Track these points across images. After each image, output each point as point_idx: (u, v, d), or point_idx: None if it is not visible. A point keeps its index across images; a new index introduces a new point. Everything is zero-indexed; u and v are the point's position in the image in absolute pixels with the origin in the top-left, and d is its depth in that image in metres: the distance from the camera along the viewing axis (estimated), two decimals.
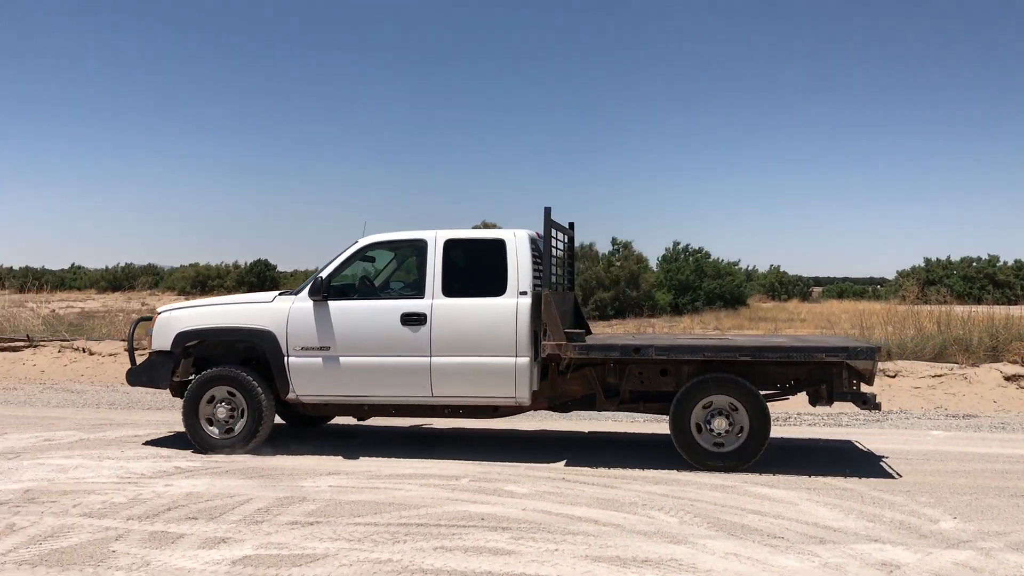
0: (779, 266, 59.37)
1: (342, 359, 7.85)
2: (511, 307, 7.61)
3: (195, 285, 59.05)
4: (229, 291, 57.29)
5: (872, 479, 7.03)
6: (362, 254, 8.21)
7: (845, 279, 73.53)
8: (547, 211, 7.81)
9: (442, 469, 7.32)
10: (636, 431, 9.66)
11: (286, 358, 7.94)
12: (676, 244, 43.20)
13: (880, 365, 12.56)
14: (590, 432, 9.47)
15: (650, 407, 7.84)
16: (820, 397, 7.51)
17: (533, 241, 7.97)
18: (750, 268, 53.16)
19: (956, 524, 5.70)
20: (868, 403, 7.35)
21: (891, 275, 58.39)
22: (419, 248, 8.02)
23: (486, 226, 33.82)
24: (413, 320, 7.72)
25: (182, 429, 9.48)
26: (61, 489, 6.47)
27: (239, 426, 8.03)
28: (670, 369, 7.62)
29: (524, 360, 7.55)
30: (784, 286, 56.92)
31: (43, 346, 15.77)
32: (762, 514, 5.89)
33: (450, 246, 7.93)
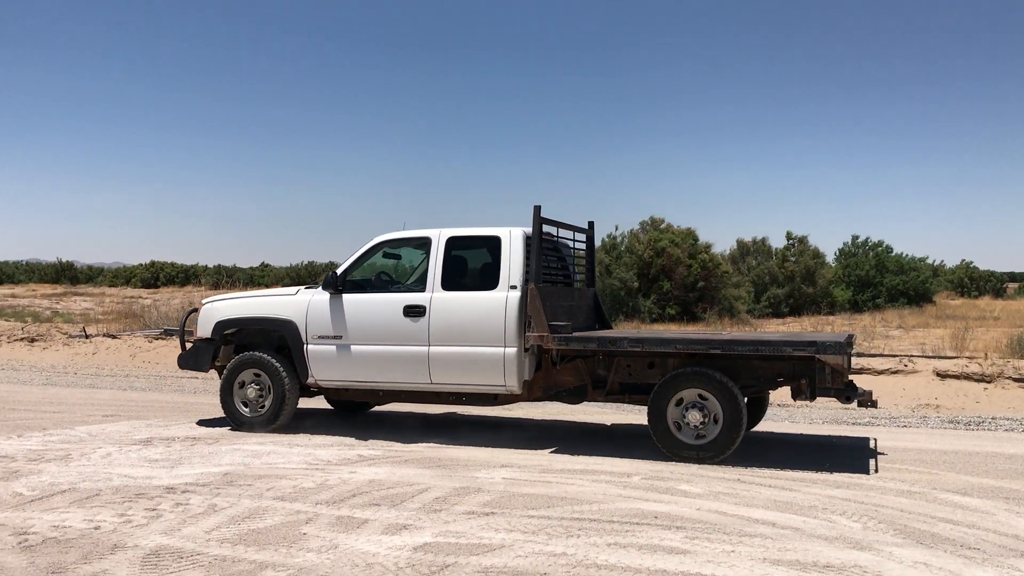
0: (970, 261, 55.63)
1: (353, 347, 8.58)
2: (501, 300, 8.09)
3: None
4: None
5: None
6: (375, 251, 8.87)
7: None
8: (536, 209, 8.16)
9: (613, 466, 7.32)
10: (812, 432, 9.33)
11: (305, 346, 8.76)
12: (855, 238, 41.35)
13: None
14: (763, 432, 9.22)
15: (635, 399, 8.08)
16: (801, 392, 7.52)
17: (527, 238, 8.27)
18: (937, 263, 50.13)
19: None
20: (851, 399, 7.36)
21: None
22: (425, 244, 8.64)
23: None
24: (414, 312, 8.34)
25: (356, 418, 9.95)
26: (255, 473, 6.90)
27: (266, 406, 8.91)
28: (656, 362, 7.86)
29: (513, 350, 8.00)
30: (974, 282, 53.25)
31: None
32: (954, 523, 5.56)
33: (451, 243, 8.49)
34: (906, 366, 12.99)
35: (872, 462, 7.57)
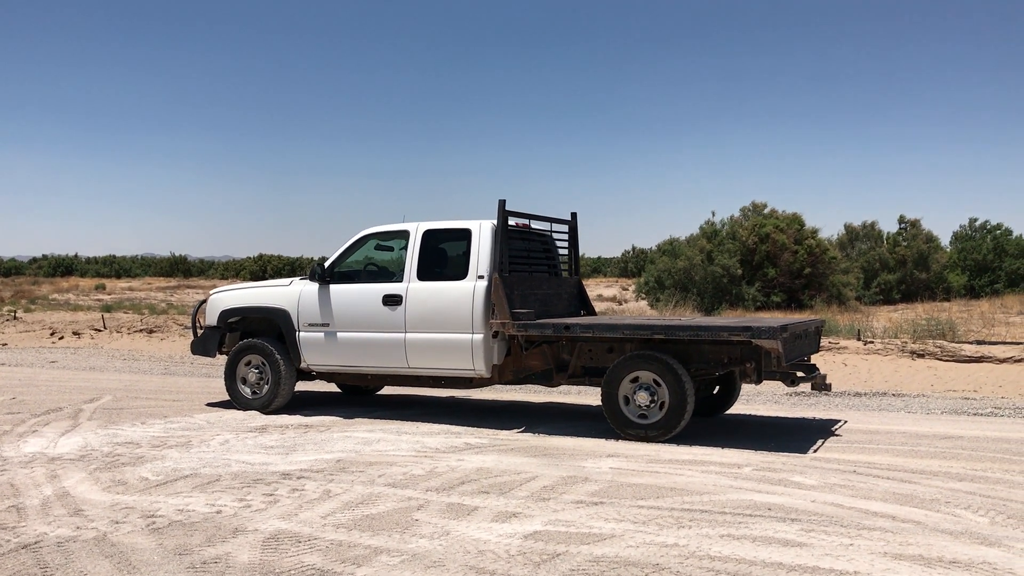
0: None
1: (339, 334, 9.21)
2: (469, 289, 8.58)
3: None
4: None
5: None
6: (361, 244, 9.43)
7: None
8: (501, 203, 8.61)
9: (722, 456, 7.20)
10: (931, 423, 8.98)
11: (297, 333, 9.42)
12: (972, 221, 39.69)
13: None
14: (874, 426, 8.92)
15: (595, 381, 8.35)
16: (747, 375, 7.86)
17: (496, 230, 8.67)
18: None
19: None
20: (796, 383, 7.85)
21: None
22: (405, 237, 9.15)
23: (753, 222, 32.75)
24: (392, 301, 8.90)
25: (469, 407, 10.06)
26: (367, 460, 7.04)
27: (265, 389, 9.56)
28: (615, 347, 8.26)
29: (480, 336, 8.49)
30: None
31: None
32: None
33: (427, 235, 9.02)
34: None
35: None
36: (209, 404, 10.38)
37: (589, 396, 11.17)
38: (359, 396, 11.10)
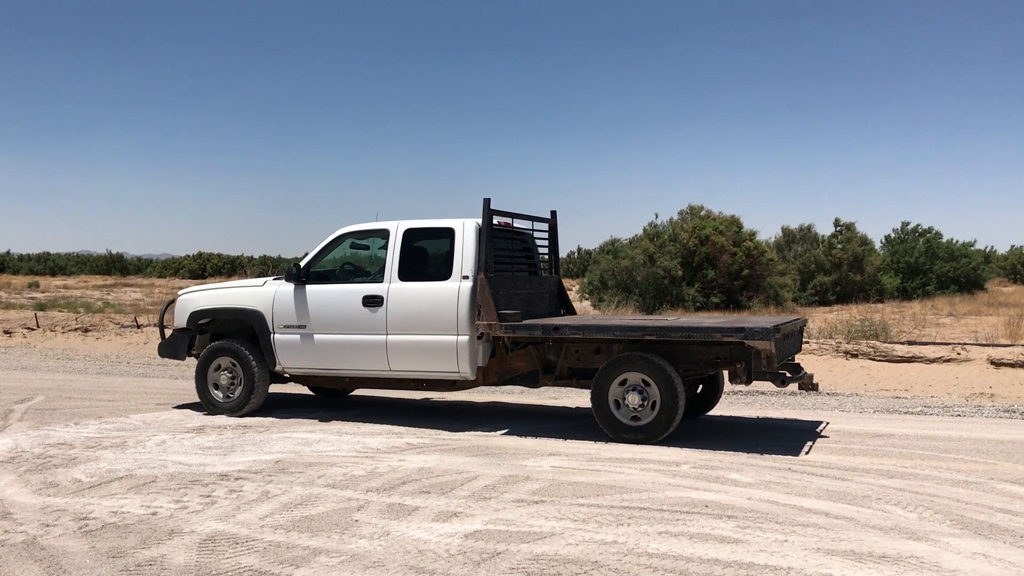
0: (1022, 247, 54.40)
1: (316, 336, 8.91)
2: (454, 290, 8.36)
3: None
4: None
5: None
6: (338, 243, 9.16)
7: None
8: (486, 202, 8.41)
9: (661, 455, 7.29)
10: (862, 424, 9.20)
11: (272, 335, 9.10)
12: (904, 224, 40.67)
13: None
14: (813, 422, 9.12)
15: (583, 383, 8.27)
16: (737, 376, 7.77)
17: (479, 229, 8.48)
18: (988, 249, 49.15)
19: None
20: (786, 383, 7.70)
21: None
22: (384, 236, 8.89)
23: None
24: (372, 302, 8.64)
25: (413, 407, 10.03)
26: (307, 461, 6.98)
27: (237, 392, 9.25)
28: (603, 348, 8.14)
29: (465, 338, 8.28)
30: None
31: None
32: (1013, 513, 5.45)
33: (408, 234, 8.76)
34: (959, 354, 12.76)
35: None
36: (159, 404, 10.19)
37: (532, 396, 11.22)
38: (330, 398, 10.78)
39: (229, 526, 5.16)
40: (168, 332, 10.02)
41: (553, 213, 10.04)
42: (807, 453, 7.36)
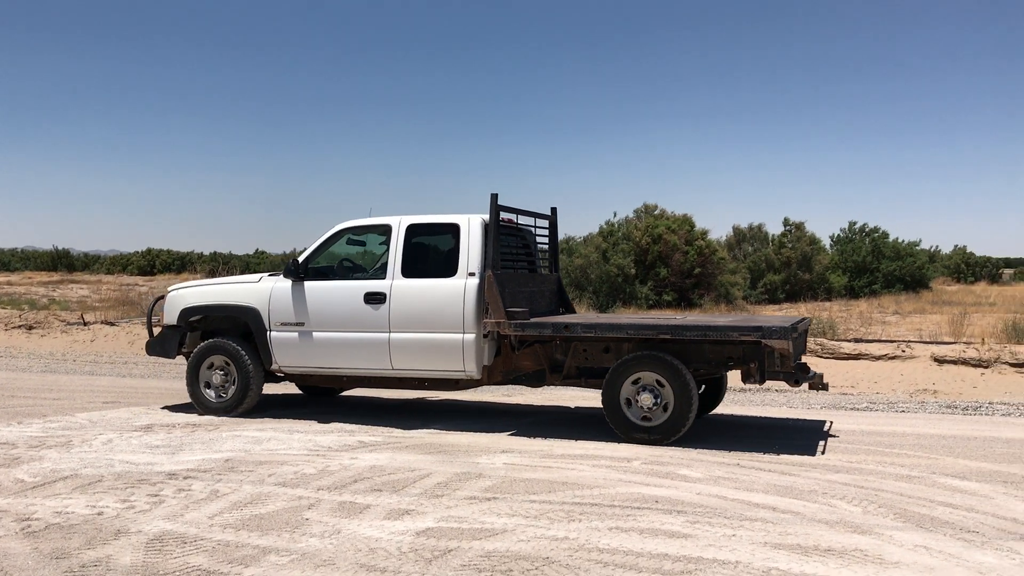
0: (965, 246, 55.73)
1: (315, 334, 8.67)
2: (460, 287, 8.18)
3: None
4: None
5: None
6: (337, 239, 8.93)
7: None
8: (493, 197, 8.23)
9: (614, 451, 7.34)
10: (808, 417, 9.36)
11: (268, 332, 8.84)
12: (852, 224, 41.40)
13: None
14: (761, 418, 9.26)
15: (591, 383, 8.14)
16: (751, 375, 7.68)
17: (486, 225, 8.34)
18: (933, 249, 50.24)
19: None
20: (801, 382, 7.61)
21: None
22: (386, 232, 8.70)
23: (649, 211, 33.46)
24: (374, 299, 8.43)
25: (365, 405, 9.97)
26: (257, 459, 6.92)
27: (231, 391, 8.99)
28: (612, 347, 8.00)
29: (471, 336, 8.11)
30: (971, 268, 53.35)
31: None
32: (953, 507, 5.59)
33: (411, 230, 8.57)
34: (904, 352, 13.02)
35: (821, 444, 7.61)
36: (106, 403, 10.01)
37: (486, 393, 11.22)
38: (320, 398, 10.57)
39: (177, 525, 5.09)
40: (156, 329, 9.74)
41: (553, 210, 9.88)
42: (758, 450, 7.46)
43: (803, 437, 8.07)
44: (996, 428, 8.79)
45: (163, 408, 9.68)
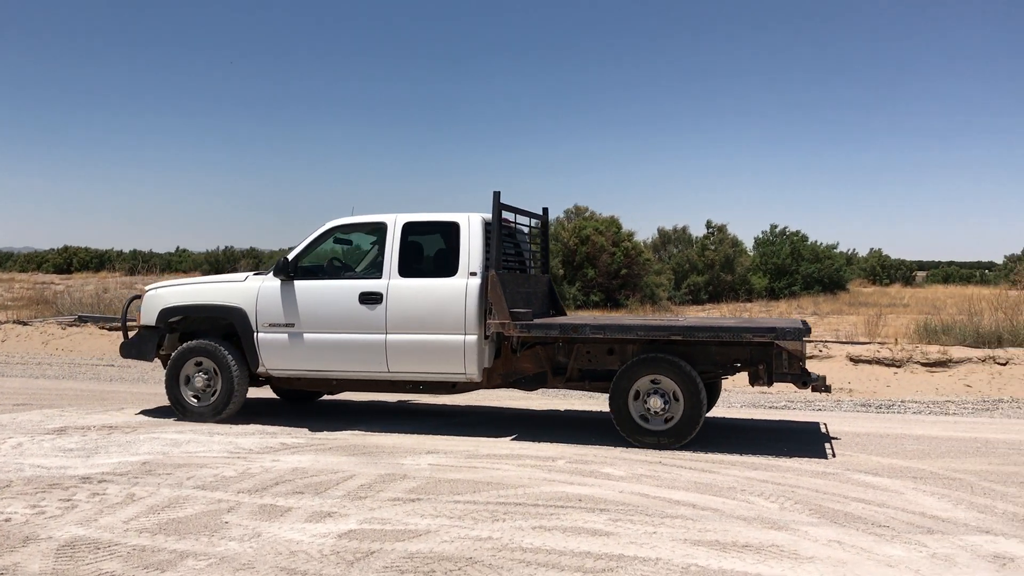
0: (880, 249, 57.57)
1: (306, 335, 8.33)
2: (461, 287, 7.96)
3: None
4: None
5: (982, 469, 6.80)
6: (328, 236, 8.62)
7: (951, 263, 70.83)
8: (496, 195, 8.05)
9: (539, 450, 7.38)
10: (732, 416, 9.55)
11: (255, 334, 8.47)
12: (773, 227, 42.34)
13: (990, 352, 12.12)
14: None
15: (596, 385, 8.04)
16: (759, 377, 7.62)
17: (487, 224, 8.19)
18: (850, 252, 51.74)
19: None
20: (808, 384, 7.46)
21: (999, 259, 56.11)
22: (380, 230, 8.43)
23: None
24: (370, 299, 8.14)
25: (289, 407, 9.83)
26: (175, 462, 6.76)
27: (214, 396, 8.61)
28: (616, 349, 7.88)
29: (473, 338, 7.88)
30: (886, 270, 55.15)
31: None
32: (866, 502, 5.76)
33: (408, 229, 8.31)
34: (821, 351, 13.37)
35: (827, 446, 7.80)
36: (16, 405, 9.66)
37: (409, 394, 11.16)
38: (299, 403, 10.20)
39: (90, 531, 4.95)
40: (132, 331, 9.28)
41: (545, 210, 9.77)
42: (679, 448, 7.57)
43: (723, 435, 8.22)
44: (907, 426, 9.09)
45: (78, 410, 9.39)
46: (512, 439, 7.87)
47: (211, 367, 8.61)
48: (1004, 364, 11.90)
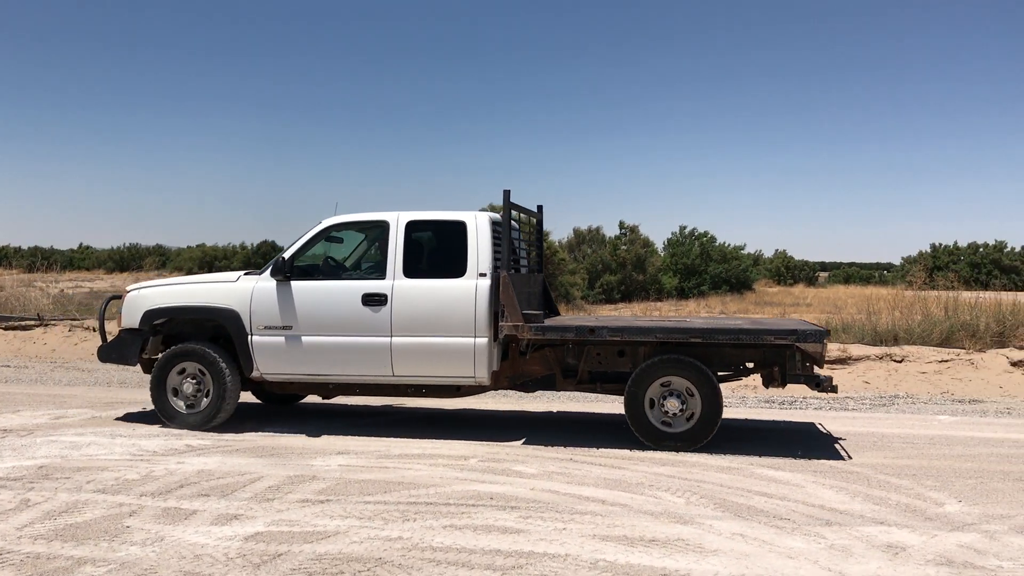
0: (785, 251, 59.28)
1: (304, 338, 7.96)
2: (471, 288, 7.71)
3: (203, 266, 59.09)
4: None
5: (878, 463, 7.07)
6: (325, 235, 8.31)
7: (851, 264, 73.38)
8: (506, 194, 7.87)
9: (451, 449, 7.38)
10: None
11: (250, 337, 8.07)
12: (683, 228, 43.19)
13: (887, 350, 12.61)
14: (593, 414, 9.52)
15: (607, 387, 7.95)
16: (773, 379, 7.64)
17: (494, 224, 8.03)
18: (756, 253, 53.16)
19: (961, 507, 5.74)
20: (821, 385, 7.46)
21: (897, 261, 58.42)
22: (381, 229, 8.13)
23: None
24: (374, 300, 7.82)
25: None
26: (74, 466, 6.54)
27: (204, 402, 8.19)
28: (627, 350, 7.78)
29: (483, 340, 7.65)
30: (790, 271, 56.82)
31: (53, 325, 15.86)
32: (768, 496, 5.94)
33: (411, 227, 8.03)
34: None
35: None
36: None
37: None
38: (281, 406, 9.84)
39: None
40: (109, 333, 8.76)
41: (539, 208, 9.52)
42: (588, 443, 7.66)
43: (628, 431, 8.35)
44: (807, 420, 9.37)
45: None
46: (425, 439, 7.84)
47: (201, 372, 8.19)
48: (900, 361, 12.38)
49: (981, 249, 50.16)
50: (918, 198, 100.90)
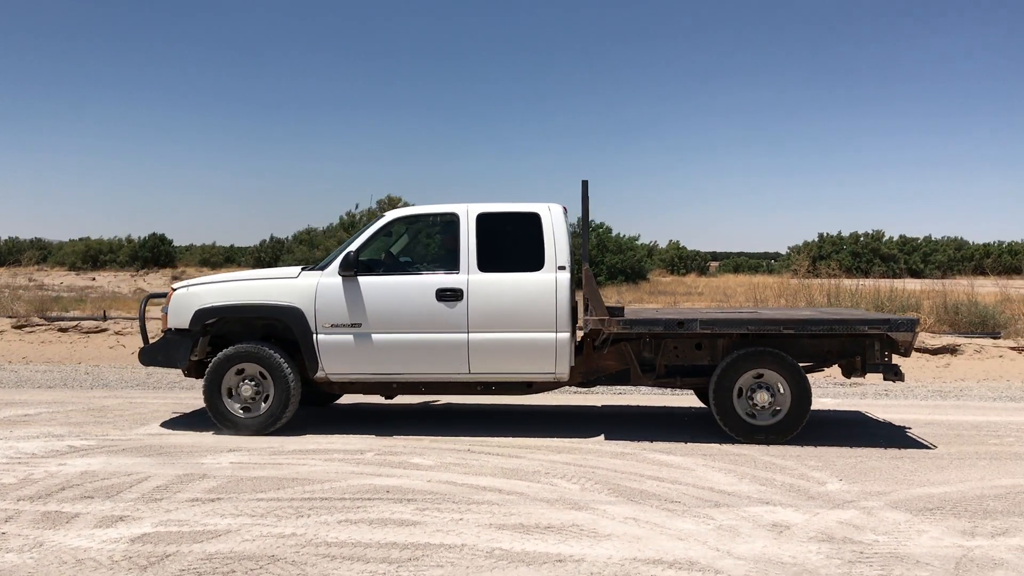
0: (678, 241, 60.72)
1: (375, 336, 7.64)
2: (550, 282, 7.54)
3: (86, 260, 56.89)
4: (122, 266, 55.48)
5: (764, 445, 7.31)
6: (388, 228, 8.04)
7: (740, 254, 75.70)
8: (584, 184, 7.78)
9: (346, 444, 7.30)
10: (540, 403, 9.80)
11: (315, 336, 7.68)
12: (579, 220, 43.75)
13: None
14: (493, 405, 9.57)
15: (687, 382, 7.90)
16: (854, 369, 7.71)
17: (567, 214, 7.93)
18: (651, 243, 54.25)
19: (842, 486, 6.00)
20: (897, 375, 7.57)
21: (784, 251, 60.53)
22: (450, 222, 7.87)
23: (392, 203, 33.58)
24: (449, 296, 7.56)
25: (79, 408, 9.23)
26: None
27: (263, 406, 7.77)
28: (704, 344, 7.70)
29: (564, 335, 7.48)
30: (683, 261, 58.26)
31: None
32: (660, 480, 6.08)
33: (482, 220, 7.78)
34: None
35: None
36: None
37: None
38: (317, 407, 9.35)
39: None
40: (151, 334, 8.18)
41: (584, 184, 9.27)
42: (488, 435, 7.69)
43: (536, 421, 8.43)
44: (697, 405, 9.63)
45: None
46: (320, 434, 7.73)
47: (260, 374, 7.76)
48: None
49: (862, 239, 52.44)
50: (809, 189, 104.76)
